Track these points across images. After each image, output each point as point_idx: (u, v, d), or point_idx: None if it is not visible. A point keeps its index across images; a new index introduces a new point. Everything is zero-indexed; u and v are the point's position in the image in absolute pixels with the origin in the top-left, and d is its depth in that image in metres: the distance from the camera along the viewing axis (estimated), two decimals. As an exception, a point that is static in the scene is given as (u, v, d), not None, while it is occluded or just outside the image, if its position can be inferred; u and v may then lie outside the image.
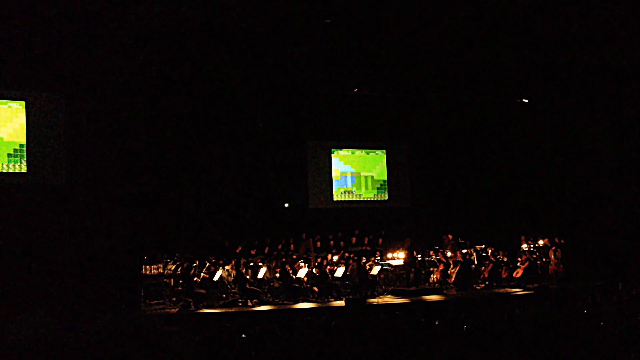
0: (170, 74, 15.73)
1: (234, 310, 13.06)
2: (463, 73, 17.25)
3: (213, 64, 15.87)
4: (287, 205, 19.20)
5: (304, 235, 17.39)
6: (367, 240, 17.81)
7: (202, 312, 12.85)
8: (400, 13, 14.80)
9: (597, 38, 15.77)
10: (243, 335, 7.79)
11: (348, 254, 16.38)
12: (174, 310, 13.02)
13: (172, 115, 16.84)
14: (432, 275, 16.44)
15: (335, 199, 19.75)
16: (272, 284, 14.48)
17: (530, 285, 15.36)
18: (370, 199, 20.19)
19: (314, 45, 15.62)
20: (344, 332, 7.76)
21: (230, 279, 14.34)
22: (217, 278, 13.86)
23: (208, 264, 14.45)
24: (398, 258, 16.50)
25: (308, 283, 14.65)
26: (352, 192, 19.97)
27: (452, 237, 17.58)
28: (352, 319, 9.07)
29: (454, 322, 8.24)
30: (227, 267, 14.46)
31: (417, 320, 8.43)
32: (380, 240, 17.86)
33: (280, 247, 16.70)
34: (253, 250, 16.30)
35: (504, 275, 16.18)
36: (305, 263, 15.26)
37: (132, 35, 14.38)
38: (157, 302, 14.07)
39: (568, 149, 18.93)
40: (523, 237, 17.34)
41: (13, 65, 14.60)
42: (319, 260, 15.75)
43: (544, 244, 16.89)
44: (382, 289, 15.45)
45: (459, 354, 6.99)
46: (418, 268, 16.25)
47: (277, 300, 14.13)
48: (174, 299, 13.90)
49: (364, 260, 15.78)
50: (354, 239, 17.85)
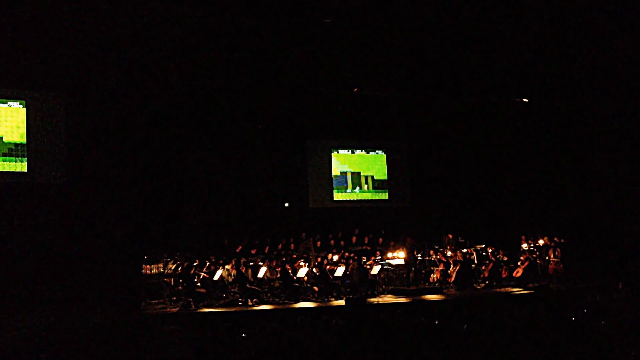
0: (170, 74, 15.74)
1: (234, 310, 13.06)
2: (463, 73, 17.25)
3: (213, 64, 15.87)
4: (287, 205, 19.21)
5: (304, 235, 17.38)
6: (367, 240, 17.80)
7: (202, 311, 12.85)
8: (401, 13, 14.80)
9: (597, 37, 15.78)
10: (243, 335, 7.79)
11: (348, 254, 16.38)
12: (174, 310, 13.02)
13: (172, 115, 16.84)
14: (432, 275, 16.44)
15: (335, 199, 19.77)
16: (272, 284, 14.49)
17: (531, 285, 15.36)
18: (370, 199, 20.20)
19: (314, 45, 15.62)
20: (344, 331, 7.75)
21: (231, 279, 14.34)
22: (217, 277, 13.87)
23: (208, 264, 14.45)
24: (398, 257, 16.50)
25: (308, 282, 14.65)
26: (352, 191, 19.98)
27: (452, 236, 17.58)
28: (352, 319, 9.07)
29: (454, 321, 8.24)
30: (227, 266, 14.47)
31: (417, 320, 8.42)
32: (380, 240, 17.85)
33: (281, 246, 16.71)
34: (253, 250, 16.31)
35: (504, 275, 16.18)
36: (306, 262, 15.26)
37: (131, 35, 14.39)
38: (157, 301, 14.07)
39: (568, 149, 18.94)
40: (523, 236, 17.33)
41: (13, 65, 14.62)
42: (319, 260, 15.75)
43: (544, 244, 16.87)
44: (382, 289, 15.46)
45: (459, 354, 7.00)
46: (418, 267, 16.25)
47: (277, 300, 14.13)
48: (174, 299, 13.89)
49: (364, 260, 15.78)
50: (354, 239, 17.84)
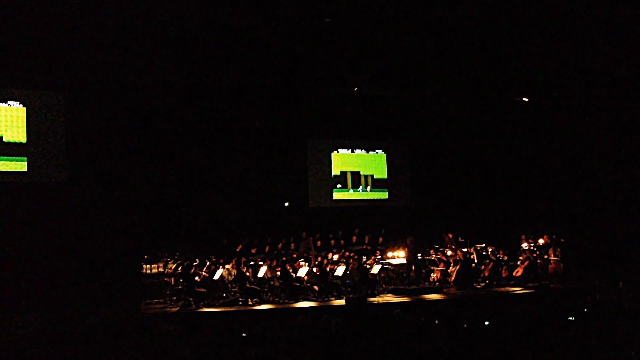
0: (170, 73, 15.74)
1: (235, 309, 13.07)
2: (463, 72, 17.23)
3: (213, 63, 15.86)
4: (287, 204, 19.21)
5: (304, 234, 17.39)
6: (367, 239, 17.80)
7: (202, 311, 12.86)
8: (401, 12, 14.79)
9: (597, 37, 15.77)
10: (243, 334, 7.79)
11: (348, 253, 16.38)
12: (175, 309, 13.03)
13: (172, 114, 16.83)
14: (432, 274, 16.45)
15: (335, 198, 19.77)
16: (272, 283, 14.49)
17: (531, 284, 15.37)
18: (370, 198, 20.20)
19: (314, 44, 15.61)
20: (344, 331, 7.75)
21: (231, 278, 14.35)
22: (217, 277, 13.87)
23: (208, 263, 14.46)
24: (398, 257, 16.51)
25: (308, 282, 14.66)
26: (352, 191, 19.98)
27: (452, 236, 17.59)
28: (352, 318, 9.07)
29: (454, 321, 8.24)
30: (227, 266, 14.47)
31: (417, 319, 8.43)
32: (381, 239, 17.85)
33: (281, 246, 16.70)
34: (253, 249, 16.31)
35: (504, 274, 16.19)
36: (306, 262, 15.27)
37: (131, 34, 14.38)
38: (157, 301, 14.08)
39: (568, 148, 18.93)
40: (523, 236, 17.33)
41: (13, 65, 14.62)
42: (319, 259, 15.75)
43: (544, 243, 16.88)
44: (382, 288, 15.47)
45: (459, 354, 7.00)
46: (418, 267, 16.26)
47: (277, 299, 14.14)
48: (175, 298, 13.90)
49: (364, 259, 15.79)
50: (354, 238, 17.84)
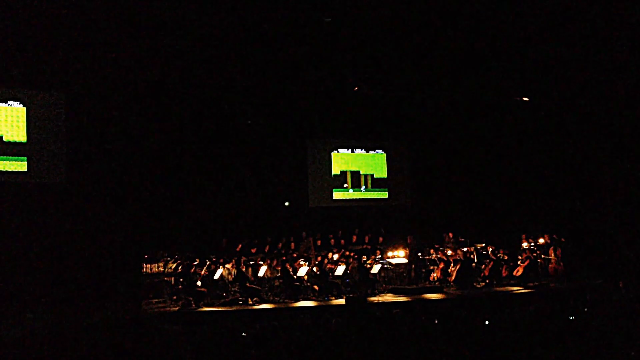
0: (170, 73, 15.74)
1: (235, 309, 13.07)
2: (463, 72, 17.24)
3: (213, 63, 15.86)
4: (287, 204, 19.21)
5: (304, 234, 17.38)
6: (367, 239, 17.79)
7: (202, 310, 12.87)
8: (401, 12, 14.79)
9: (597, 36, 15.77)
10: (243, 334, 7.79)
11: (348, 253, 16.38)
12: (175, 309, 13.03)
13: (172, 115, 16.83)
14: (432, 274, 16.44)
15: (335, 198, 19.77)
16: (272, 283, 14.49)
17: (531, 284, 15.36)
18: (370, 198, 20.19)
19: (314, 44, 15.61)
20: (344, 330, 7.75)
21: (231, 278, 14.35)
22: (217, 276, 13.88)
23: (209, 263, 14.45)
24: (398, 256, 16.51)
25: (308, 281, 14.65)
26: (351, 190, 19.97)
27: (452, 235, 17.58)
28: (352, 318, 9.07)
29: (454, 320, 8.23)
30: (227, 265, 14.47)
31: (417, 319, 8.42)
32: (381, 239, 17.85)
33: (281, 245, 16.70)
34: (253, 249, 16.31)
35: (505, 274, 16.18)
36: (306, 261, 15.27)
37: (131, 34, 14.39)
38: (157, 300, 14.08)
39: (568, 147, 18.92)
40: (523, 235, 17.33)
41: (13, 65, 14.62)
42: (319, 259, 15.76)
43: (545, 243, 16.88)
44: (382, 288, 15.47)
45: (459, 354, 6.99)
46: (418, 266, 16.26)
47: (277, 299, 14.14)
48: (175, 298, 13.90)
49: (364, 259, 15.78)
50: (354, 238, 17.84)
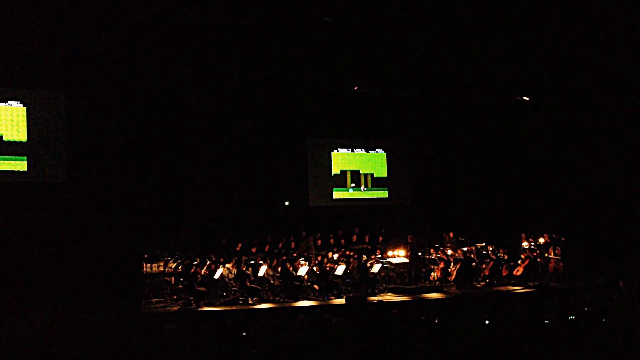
0: (171, 73, 15.73)
1: (235, 308, 13.08)
2: (463, 72, 17.22)
3: (213, 63, 15.85)
4: (287, 204, 19.21)
5: (305, 234, 17.40)
6: (367, 239, 17.80)
7: (202, 310, 12.88)
8: (401, 12, 14.78)
9: (597, 36, 15.75)
10: (244, 334, 7.79)
11: (348, 252, 16.39)
12: (175, 309, 13.04)
13: (172, 114, 16.84)
14: (432, 273, 16.45)
15: (335, 197, 19.77)
16: (272, 282, 14.50)
17: (531, 283, 15.37)
18: (371, 197, 20.20)
19: (314, 44, 15.60)
20: (344, 330, 7.75)
21: (231, 277, 14.36)
22: (217, 276, 13.89)
23: (209, 262, 14.46)
24: (398, 256, 16.52)
25: (308, 281, 14.67)
26: (351, 190, 19.97)
27: (452, 234, 17.59)
28: (352, 317, 9.07)
29: (454, 320, 8.24)
30: (227, 265, 14.48)
31: (417, 318, 8.42)
32: (381, 238, 17.86)
33: (281, 245, 16.72)
34: (254, 248, 16.32)
35: (505, 273, 16.18)
36: (306, 261, 15.27)
37: (131, 33, 14.38)
38: (157, 300, 14.08)
39: (568, 146, 18.91)
40: (523, 234, 17.33)
41: (13, 65, 14.61)
42: (320, 258, 15.77)
43: (545, 242, 16.88)
44: (382, 287, 15.47)
45: (459, 353, 7.00)
46: (418, 266, 16.26)
47: (277, 298, 14.15)
48: (175, 297, 13.91)
49: (365, 258, 15.79)
50: (355, 237, 17.85)
